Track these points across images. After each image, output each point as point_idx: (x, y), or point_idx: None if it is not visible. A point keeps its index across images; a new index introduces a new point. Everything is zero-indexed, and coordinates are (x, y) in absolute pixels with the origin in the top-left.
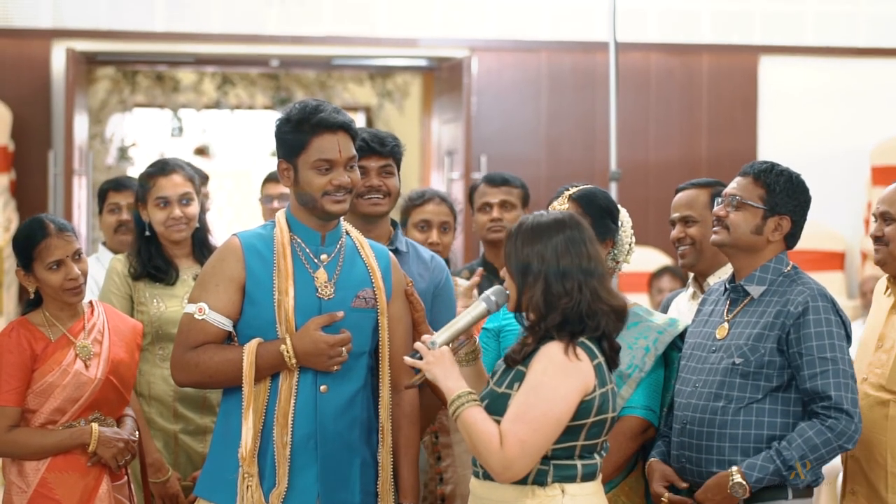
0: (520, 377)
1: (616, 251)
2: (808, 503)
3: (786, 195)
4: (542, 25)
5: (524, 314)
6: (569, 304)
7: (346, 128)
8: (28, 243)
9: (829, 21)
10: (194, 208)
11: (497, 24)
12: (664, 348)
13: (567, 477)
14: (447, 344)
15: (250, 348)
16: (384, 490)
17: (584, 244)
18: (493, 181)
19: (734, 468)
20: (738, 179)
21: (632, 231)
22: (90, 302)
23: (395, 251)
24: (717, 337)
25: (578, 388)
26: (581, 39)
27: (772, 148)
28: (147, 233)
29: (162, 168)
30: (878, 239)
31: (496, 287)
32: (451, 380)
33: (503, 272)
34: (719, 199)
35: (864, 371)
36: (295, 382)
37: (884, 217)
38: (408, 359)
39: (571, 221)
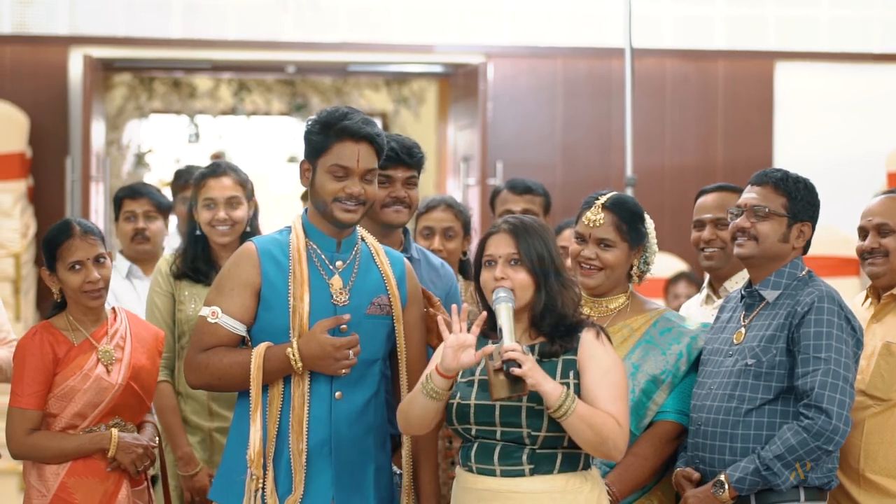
0: (572, 365)
1: (647, 254)
2: None
3: (806, 202)
4: (557, 31)
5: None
6: (573, 299)
7: (371, 140)
8: (52, 243)
9: (844, 27)
10: (241, 212)
11: (513, 30)
12: (697, 353)
13: None
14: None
15: (258, 351)
16: (407, 496)
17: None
18: (516, 188)
19: (721, 476)
20: (756, 189)
21: (654, 234)
22: (113, 308)
23: (408, 259)
24: (735, 342)
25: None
26: (596, 45)
27: (787, 154)
28: (198, 232)
29: (214, 170)
30: (872, 251)
31: (500, 289)
32: (550, 381)
33: (501, 271)
34: (734, 211)
35: None
36: (307, 389)
37: (879, 229)
38: (516, 370)
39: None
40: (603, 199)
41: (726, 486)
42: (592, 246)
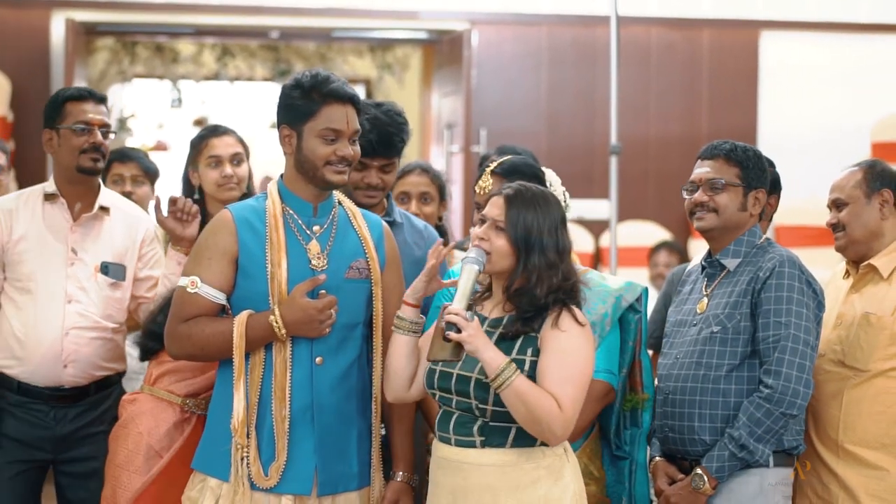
0: (532, 342)
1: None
2: (787, 472)
3: (757, 169)
4: None
5: (509, 283)
6: (562, 280)
7: (355, 101)
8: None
9: None
10: (244, 170)
11: None
12: (622, 312)
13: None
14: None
15: (240, 320)
16: (377, 460)
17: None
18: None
19: (697, 469)
20: (708, 163)
21: (563, 188)
22: None
23: (391, 223)
24: (698, 311)
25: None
26: (582, 13)
27: (772, 123)
28: (196, 196)
29: (214, 129)
30: (834, 227)
31: (473, 249)
32: (491, 349)
33: (484, 232)
34: (688, 187)
35: (821, 348)
36: (289, 355)
37: (836, 204)
38: (452, 334)
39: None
40: (493, 166)
41: (706, 478)
42: None
